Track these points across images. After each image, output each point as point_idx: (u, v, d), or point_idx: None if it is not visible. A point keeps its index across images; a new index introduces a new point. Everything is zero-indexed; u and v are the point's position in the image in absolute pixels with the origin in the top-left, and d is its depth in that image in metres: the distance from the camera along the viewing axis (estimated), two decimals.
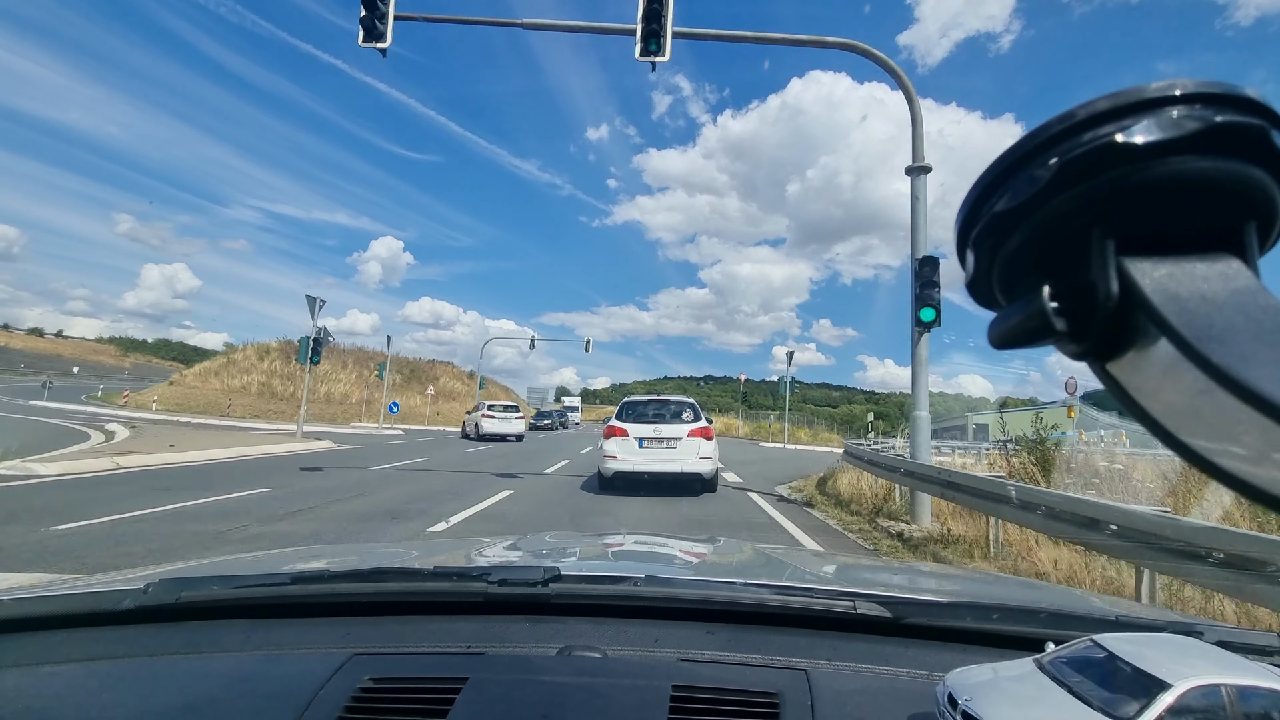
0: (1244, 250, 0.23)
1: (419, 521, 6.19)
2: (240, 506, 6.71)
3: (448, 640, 0.90)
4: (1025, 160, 0.23)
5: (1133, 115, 0.22)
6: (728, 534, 2.34)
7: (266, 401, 36.39)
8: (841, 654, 0.86)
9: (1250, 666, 0.53)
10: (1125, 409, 0.23)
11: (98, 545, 4.76)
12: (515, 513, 6.95)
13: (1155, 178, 0.21)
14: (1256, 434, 0.19)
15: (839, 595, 0.96)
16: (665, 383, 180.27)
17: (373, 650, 0.85)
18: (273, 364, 40.83)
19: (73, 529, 5.30)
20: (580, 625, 0.95)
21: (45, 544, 4.77)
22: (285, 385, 38.53)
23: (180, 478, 8.86)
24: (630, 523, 6.47)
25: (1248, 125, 0.21)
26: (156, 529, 5.43)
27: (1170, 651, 0.54)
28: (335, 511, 6.62)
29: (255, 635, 0.92)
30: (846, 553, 5.33)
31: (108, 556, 4.43)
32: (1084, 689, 0.53)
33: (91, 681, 0.80)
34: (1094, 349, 0.24)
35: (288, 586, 1.01)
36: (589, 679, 0.77)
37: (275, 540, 5.18)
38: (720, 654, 0.85)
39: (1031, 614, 0.97)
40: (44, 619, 0.97)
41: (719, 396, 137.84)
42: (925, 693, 0.69)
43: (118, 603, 0.95)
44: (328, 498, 7.52)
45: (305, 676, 0.77)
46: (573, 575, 1.01)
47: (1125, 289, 0.22)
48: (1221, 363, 0.19)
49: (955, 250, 0.27)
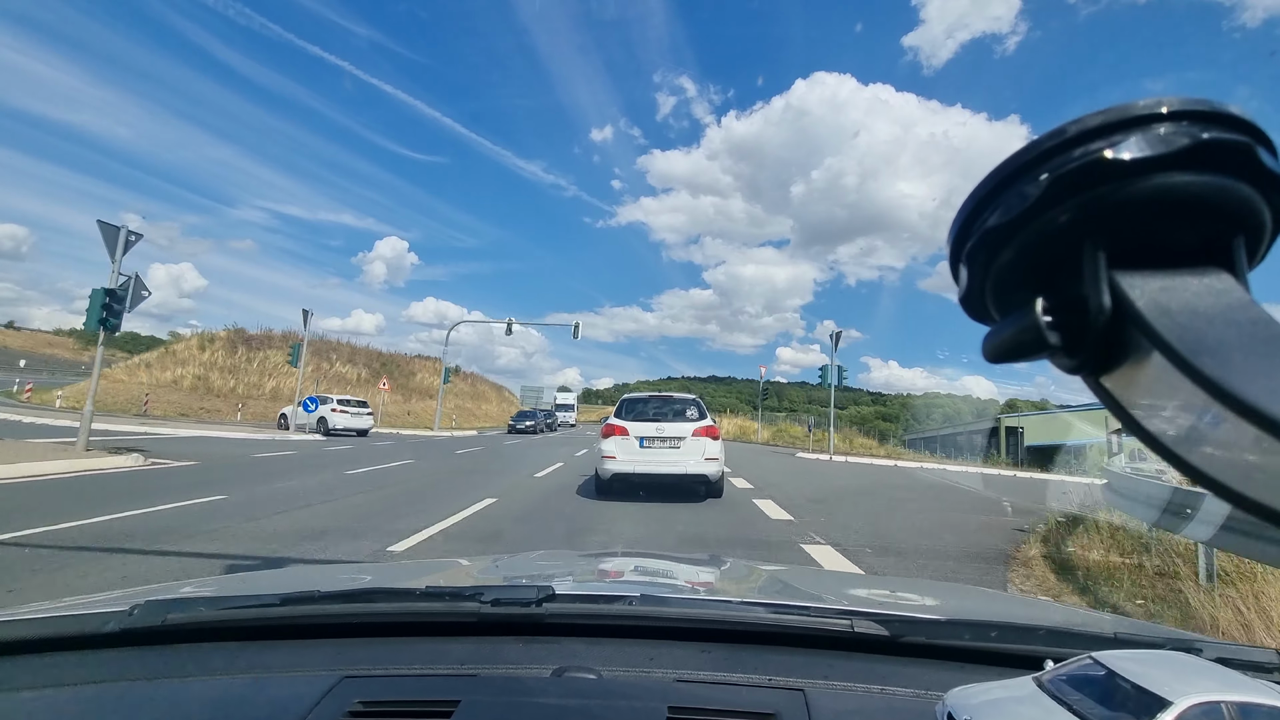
0: (1233, 264, 0.23)
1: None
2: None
3: (440, 662, 0.88)
4: (1016, 176, 0.24)
5: (1122, 131, 0.22)
6: None
7: (200, 398, 30.83)
8: (839, 673, 0.85)
9: (1250, 684, 0.52)
10: (1120, 422, 0.23)
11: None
12: None
13: (1145, 193, 0.22)
14: (1250, 446, 0.19)
15: (836, 614, 0.96)
16: (669, 382, 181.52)
17: (363, 672, 0.83)
18: (214, 355, 35.47)
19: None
20: (575, 645, 0.93)
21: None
22: (225, 379, 33.50)
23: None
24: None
25: (1234, 142, 0.22)
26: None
27: (1171, 669, 0.54)
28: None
29: (243, 658, 0.90)
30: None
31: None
32: (1084, 707, 0.52)
33: (75, 706, 0.78)
34: (1087, 363, 0.24)
35: (276, 608, 1.00)
36: (584, 700, 0.76)
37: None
38: (716, 674, 0.84)
39: (1030, 632, 0.96)
40: (25, 642, 0.95)
41: (723, 397, 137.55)
42: (924, 712, 0.69)
43: (102, 625, 0.93)
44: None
45: (294, 700, 0.76)
46: (567, 595, 1.00)
47: (1117, 303, 0.23)
48: (1214, 375, 0.20)
49: (949, 265, 0.27)
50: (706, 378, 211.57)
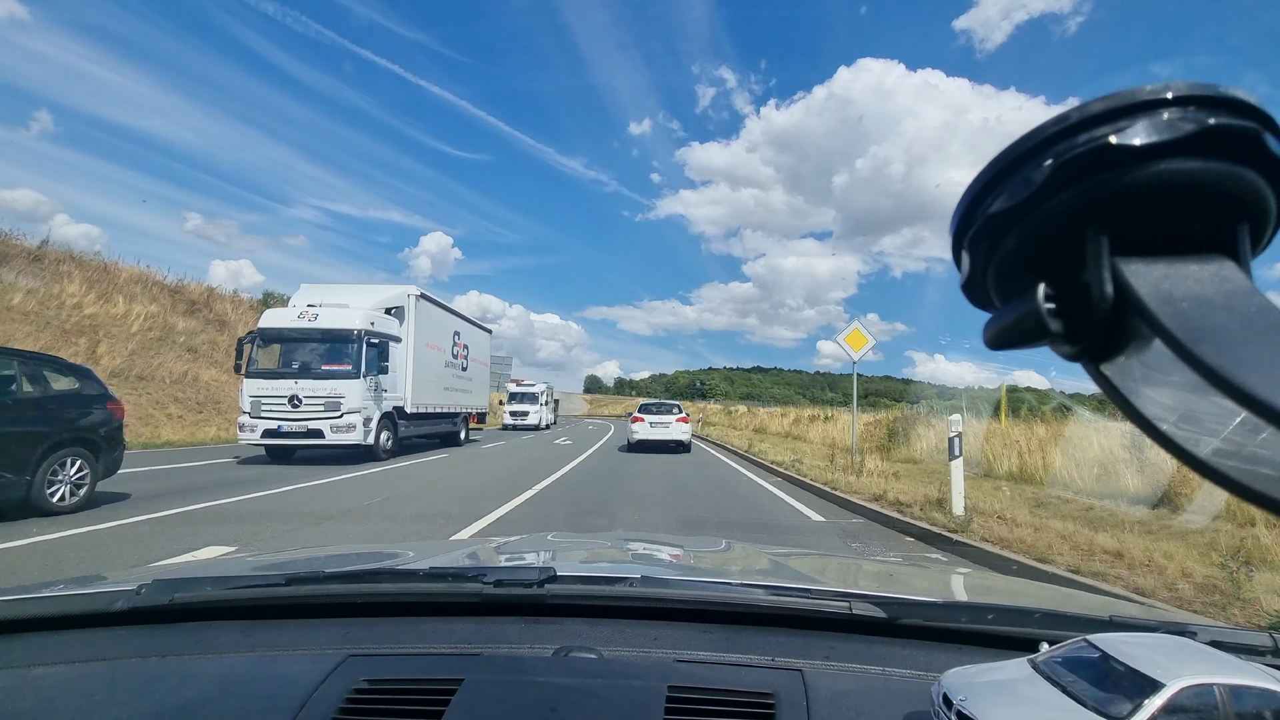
0: (1237, 251, 0.23)
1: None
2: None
3: (443, 641, 0.89)
4: (1020, 162, 0.23)
5: (1127, 117, 0.22)
6: None
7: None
8: (837, 654, 0.86)
9: (1243, 666, 0.53)
10: (1120, 409, 0.23)
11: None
12: None
13: (1149, 179, 0.22)
14: (1250, 434, 0.19)
15: (834, 596, 0.97)
16: (710, 373, 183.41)
17: (368, 651, 0.85)
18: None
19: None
20: (576, 626, 0.94)
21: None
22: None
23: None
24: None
25: (1240, 127, 0.21)
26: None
27: (1164, 651, 0.54)
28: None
29: (250, 636, 0.92)
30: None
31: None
32: (1078, 689, 0.53)
33: (84, 683, 0.79)
34: (1089, 350, 0.24)
35: (282, 587, 1.01)
36: (585, 680, 0.77)
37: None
38: (716, 654, 0.85)
39: (1026, 614, 0.97)
40: (36, 620, 0.96)
41: (773, 388, 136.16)
42: (920, 693, 0.70)
43: (111, 604, 0.95)
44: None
45: (300, 678, 0.77)
46: (569, 576, 1.01)
47: (1119, 290, 0.22)
48: (1215, 363, 0.20)
49: (951, 252, 0.27)
50: (751, 368, 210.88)
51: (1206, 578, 3.89)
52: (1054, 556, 4.46)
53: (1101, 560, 4.36)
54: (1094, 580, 3.93)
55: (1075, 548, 4.69)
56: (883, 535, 5.79)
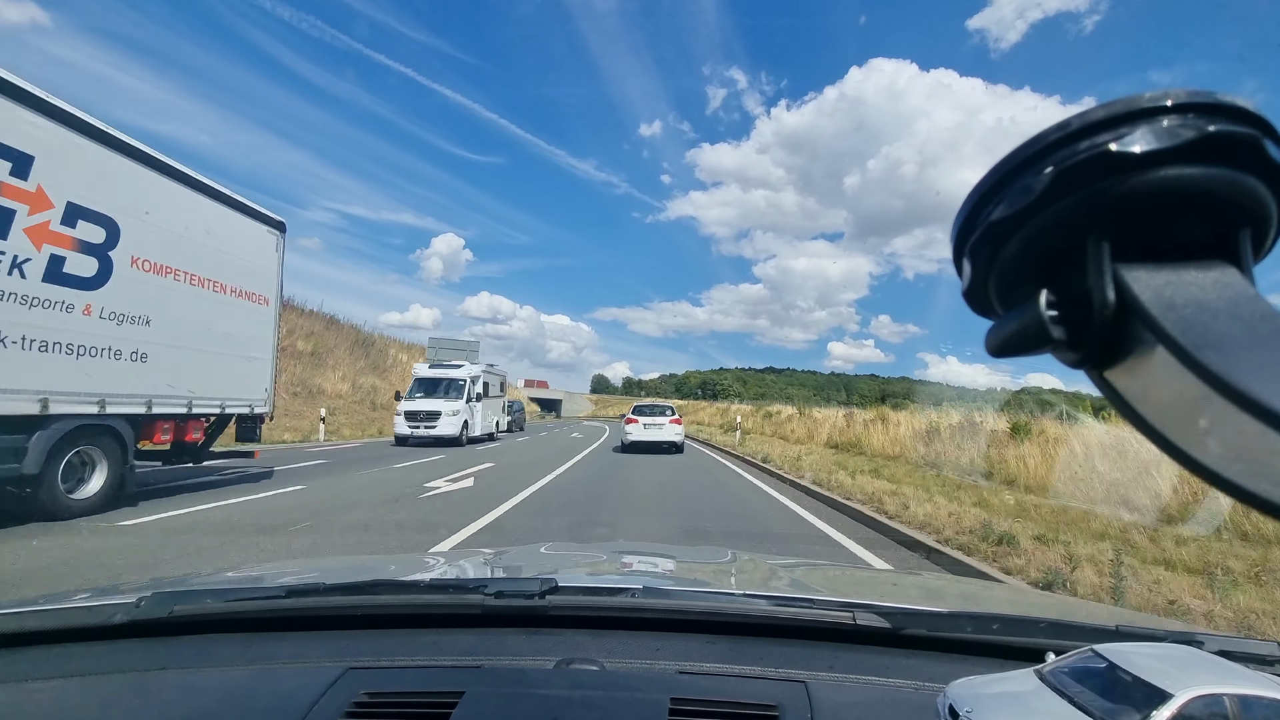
0: (1239, 257, 0.23)
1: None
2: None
3: (444, 653, 0.89)
4: (1021, 169, 0.24)
5: (1128, 124, 0.22)
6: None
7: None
8: (841, 665, 0.85)
9: (1252, 676, 0.53)
10: (1123, 416, 0.23)
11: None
12: None
13: (1150, 186, 0.22)
14: (1254, 440, 0.19)
15: (838, 606, 0.96)
16: (723, 373, 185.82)
17: (368, 664, 0.84)
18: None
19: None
20: (578, 637, 0.94)
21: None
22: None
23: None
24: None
25: (1240, 134, 0.21)
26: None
27: (1172, 661, 0.54)
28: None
29: (249, 649, 0.91)
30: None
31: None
32: (1085, 700, 0.53)
33: (82, 697, 0.79)
34: (1091, 356, 0.24)
35: (282, 600, 1.00)
36: (587, 691, 0.76)
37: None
38: (719, 666, 0.85)
39: (1032, 624, 0.97)
40: (34, 634, 0.96)
41: (787, 388, 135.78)
42: (926, 704, 0.69)
43: (109, 617, 0.94)
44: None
45: (300, 691, 0.76)
46: (570, 586, 1.00)
47: (1122, 296, 0.23)
48: (1218, 370, 0.20)
49: (952, 259, 0.27)
50: (763, 369, 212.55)
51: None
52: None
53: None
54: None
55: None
56: None
